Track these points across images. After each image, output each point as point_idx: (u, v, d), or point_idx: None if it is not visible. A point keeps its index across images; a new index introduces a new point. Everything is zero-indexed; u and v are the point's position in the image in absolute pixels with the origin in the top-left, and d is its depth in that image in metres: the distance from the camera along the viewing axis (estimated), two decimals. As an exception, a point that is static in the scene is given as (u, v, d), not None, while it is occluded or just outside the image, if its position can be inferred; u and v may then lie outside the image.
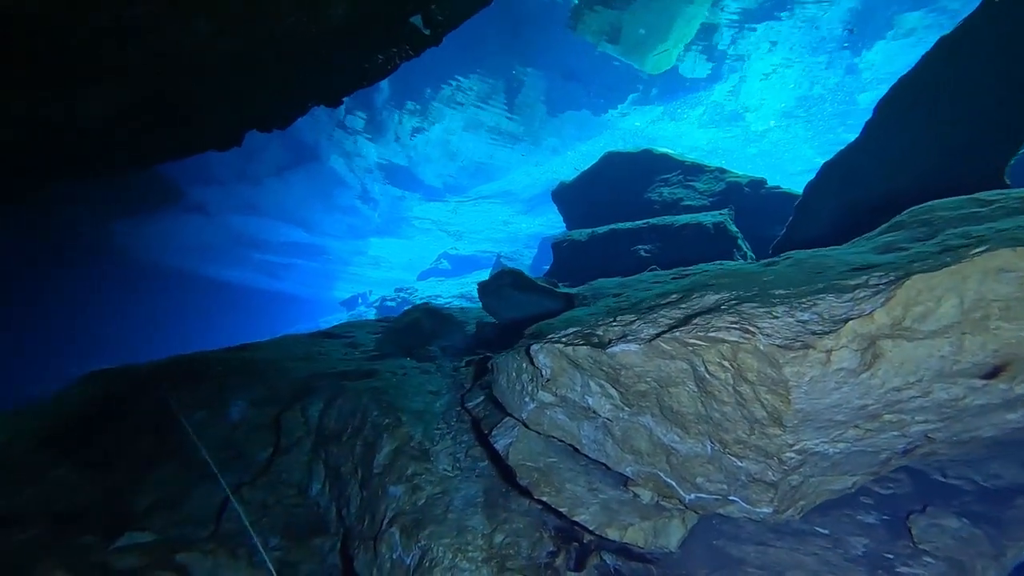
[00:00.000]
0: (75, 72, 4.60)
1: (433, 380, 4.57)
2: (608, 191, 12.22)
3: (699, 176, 10.33)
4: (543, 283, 5.95)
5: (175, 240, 26.41)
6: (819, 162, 22.04)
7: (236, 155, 10.77)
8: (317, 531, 4.04)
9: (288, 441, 4.59)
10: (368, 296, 44.19)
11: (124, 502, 4.33)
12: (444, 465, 3.38)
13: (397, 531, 3.01)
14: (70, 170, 7.18)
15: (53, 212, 16.61)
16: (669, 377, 1.88)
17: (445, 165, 28.05)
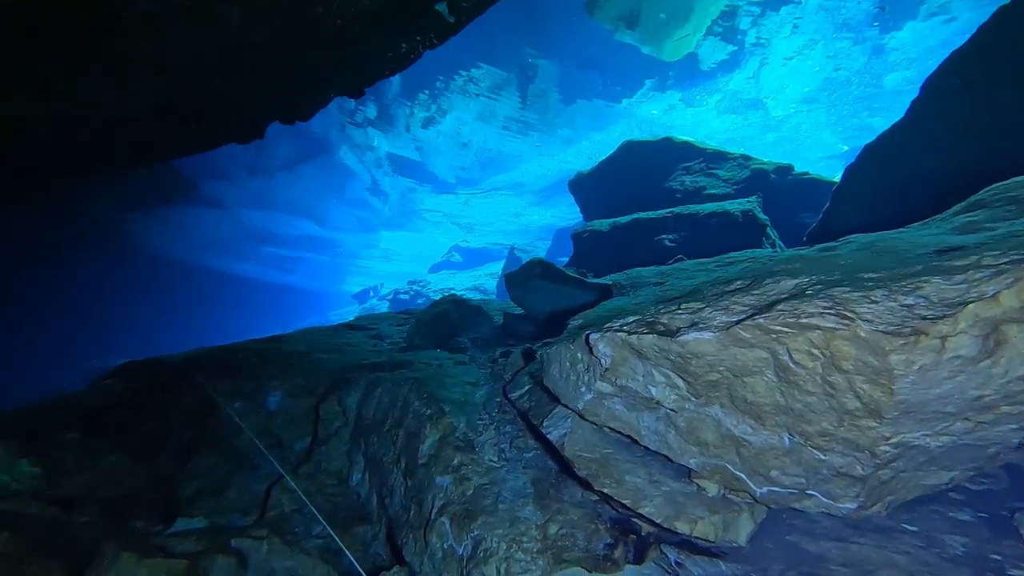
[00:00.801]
0: (113, 63, 4.62)
1: (470, 371, 4.57)
2: (627, 180, 12.06)
3: (722, 163, 10.13)
4: (573, 273, 5.90)
5: (187, 233, 26.61)
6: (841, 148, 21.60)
7: (247, 148, 10.80)
8: (359, 520, 4.10)
9: (326, 431, 4.64)
10: (379, 289, 44.44)
11: (169, 489, 4.42)
12: (490, 456, 3.39)
13: (447, 521, 3.02)
14: (101, 163, 7.26)
15: (71, 204, 16.79)
16: (745, 366, 1.83)
17: (456, 157, 27.91)
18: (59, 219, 16.89)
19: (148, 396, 5.85)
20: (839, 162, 22.41)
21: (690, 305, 2.15)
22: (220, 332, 25.54)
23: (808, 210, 8.29)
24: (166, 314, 28.48)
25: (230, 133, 7.45)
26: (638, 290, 3.88)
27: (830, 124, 21.88)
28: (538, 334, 5.85)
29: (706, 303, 2.10)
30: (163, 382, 6.03)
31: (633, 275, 4.43)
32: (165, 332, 27.05)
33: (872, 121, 20.29)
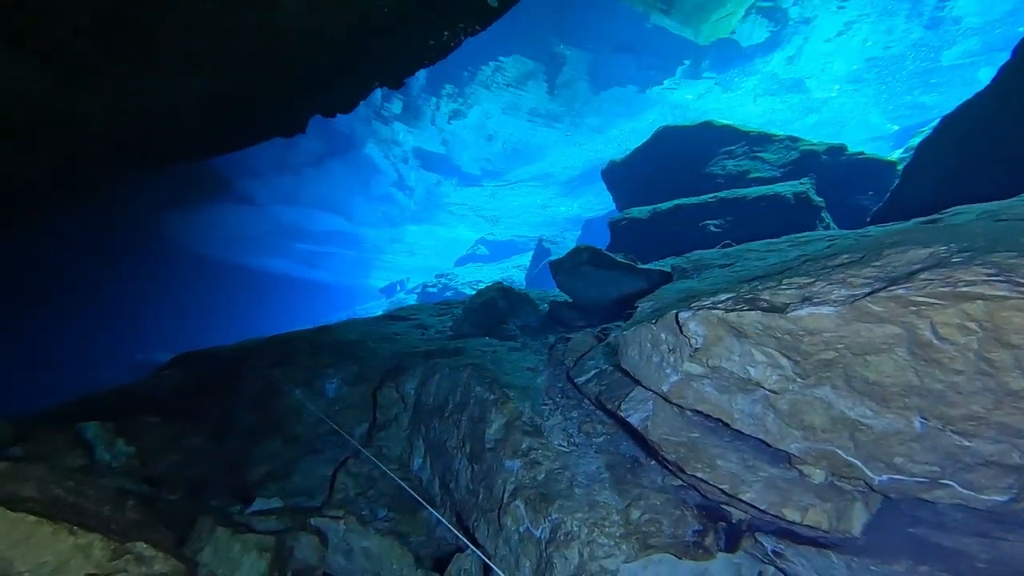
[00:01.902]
0: (172, 59, 4.77)
1: (526, 357, 4.55)
2: (664, 167, 11.76)
3: (767, 146, 9.73)
4: (624, 260, 5.79)
5: (221, 230, 27.18)
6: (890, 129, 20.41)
7: (274, 145, 10.94)
8: (424, 504, 4.16)
9: (385, 417, 4.72)
10: (406, 283, 45.04)
11: (240, 472, 4.60)
12: (558, 440, 3.36)
13: (522, 504, 3.02)
14: (151, 160, 7.54)
15: (114, 205, 17.40)
16: (870, 343, 1.72)
17: (482, 149, 27.86)
18: (103, 220, 17.55)
19: (209, 384, 6.09)
20: (886, 143, 21.23)
21: (795, 280, 2.04)
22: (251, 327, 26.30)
23: (863, 192, 7.87)
24: (199, 310, 29.42)
25: (275, 127, 7.61)
26: (703, 272, 3.75)
27: (878, 103, 20.70)
28: (587, 321, 5.78)
29: (815, 277, 1.99)
30: (222, 371, 6.26)
31: (695, 258, 4.29)
32: (199, 327, 27.94)
33: (925, 99, 19.07)
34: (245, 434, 5.17)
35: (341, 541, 3.22)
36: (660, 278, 5.44)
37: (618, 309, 5.71)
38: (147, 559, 2.02)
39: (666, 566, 2.44)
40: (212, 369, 6.45)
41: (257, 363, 5.77)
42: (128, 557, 1.92)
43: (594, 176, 28.51)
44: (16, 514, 1.59)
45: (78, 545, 1.72)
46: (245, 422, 5.43)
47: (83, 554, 1.72)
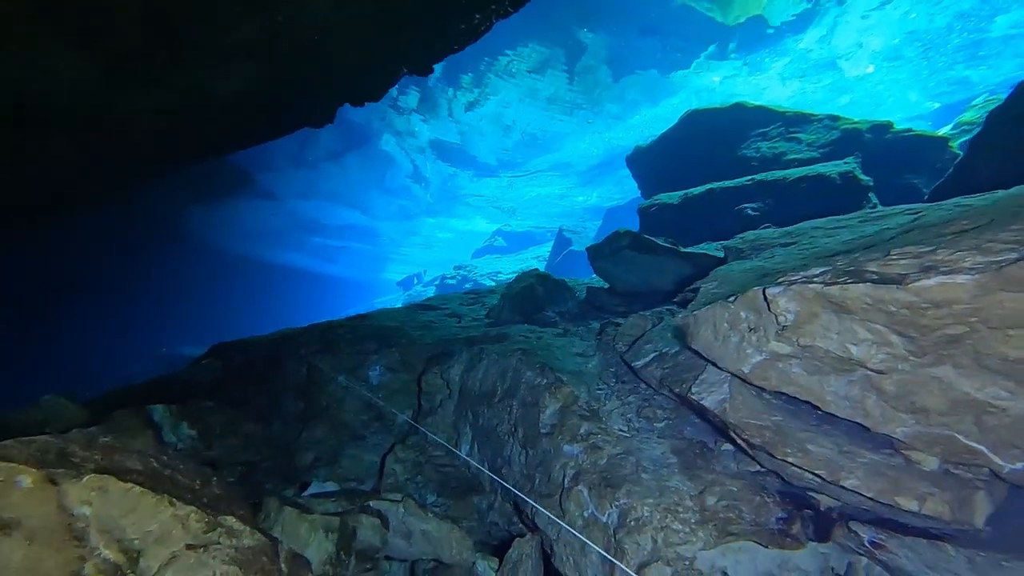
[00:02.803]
0: (213, 50, 4.76)
1: (574, 343, 4.47)
2: (693, 151, 11.45)
3: (804, 127, 9.36)
4: (666, 243, 5.64)
5: (242, 226, 27.29)
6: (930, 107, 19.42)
7: (293, 140, 10.89)
8: (471, 489, 4.14)
9: (430, 404, 4.71)
10: (423, 276, 45.23)
11: (289, 457, 4.65)
12: (618, 425, 3.28)
13: (585, 490, 2.95)
14: (189, 153, 7.62)
15: (141, 201, 17.54)
16: (1015, 314, 1.58)
17: (498, 140, 27.64)
18: (128, 215, 17.73)
19: (250, 373, 6.16)
20: (926, 122, 20.28)
21: (908, 250, 1.90)
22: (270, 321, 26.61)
23: (912, 171, 7.50)
24: (220, 304, 29.78)
25: (305, 117, 7.61)
26: (763, 252, 3.60)
27: (918, 81, 19.69)
28: (627, 307, 5.65)
29: (933, 245, 1.84)
30: (260, 360, 6.34)
31: (750, 238, 4.13)
32: (219, 321, 28.30)
33: (970, 74, 18.03)
34: (290, 420, 5.22)
35: (400, 524, 3.21)
36: (707, 261, 5.28)
37: (660, 294, 5.58)
38: (236, 532, 2.03)
39: (746, 554, 2.34)
40: (250, 358, 6.52)
41: (298, 351, 5.82)
42: (220, 530, 1.94)
43: (614, 165, 28.10)
44: (125, 484, 1.62)
45: (177, 516, 1.75)
46: (289, 409, 5.48)
47: (181, 525, 1.76)
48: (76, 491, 1.61)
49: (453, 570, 3.18)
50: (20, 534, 1.44)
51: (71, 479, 1.59)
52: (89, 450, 1.76)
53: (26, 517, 1.46)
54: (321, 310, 37.79)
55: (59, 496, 1.57)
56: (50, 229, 13.13)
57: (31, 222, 9.26)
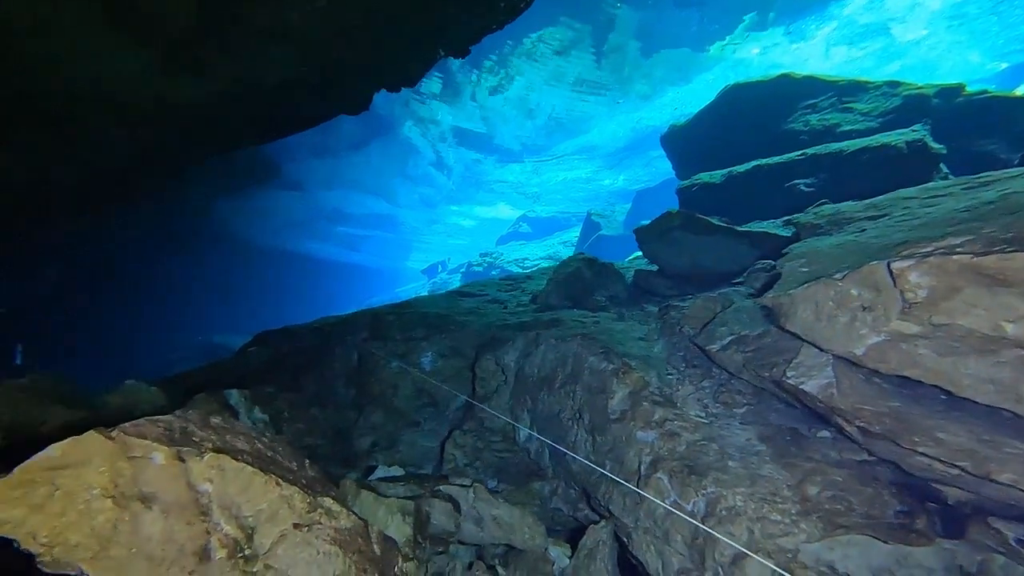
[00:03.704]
0: (260, 36, 4.73)
1: (634, 327, 4.33)
2: (734, 128, 10.93)
3: (860, 95, 8.77)
4: (721, 222, 5.39)
5: (268, 217, 27.44)
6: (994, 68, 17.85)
7: (316, 129, 10.73)
8: (532, 476, 4.10)
9: (485, 389, 4.68)
10: (447, 263, 45.35)
11: (347, 442, 4.72)
12: (695, 411, 3.15)
13: (665, 477, 2.85)
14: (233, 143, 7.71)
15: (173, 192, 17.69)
16: None
17: (522, 125, 27.20)
18: (162, 206, 17.98)
19: (299, 360, 6.26)
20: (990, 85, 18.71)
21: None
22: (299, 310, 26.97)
23: (987, 137, 6.93)
24: (249, 294, 30.07)
25: (343, 104, 7.58)
26: (847, 226, 3.36)
27: (984, 39, 17.99)
28: (679, 290, 5.45)
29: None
30: (308, 347, 6.43)
31: (827, 212, 3.88)
32: (250, 311, 28.59)
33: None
34: (344, 406, 5.30)
35: (471, 509, 3.20)
36: (768, 239, 5.02)
37: (715, 275, 5.35)
38: (335, 513, 2.05)
39: (857, 548, 2.20)
40: (297, 346, 6.62)
41: (347, 339, 5.88)
42: (320, 511, 1.97)
43: (642, 146, 27.34)
44: (238, 464, 1.65)
45: (283, 496, 1.78)
46: (341, 395, 5.56)
47: (288, 505, 1.79)
48: (199, 469, 1.64)
49: (525, 555, 3.16)
50: (158, 507, 1.48)
51: (195, 457, 1.62)
52: (205, 430, 1.77)
53: (162, 491, 1.50)
54: (346, 299, 38.33)
55: (186, 473, 1.59)
56: (97, 221, 13.57)
57: (82, 215, 9.61)
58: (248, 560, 1.82)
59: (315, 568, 1.97)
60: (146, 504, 1.53)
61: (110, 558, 1.45)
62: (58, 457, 1.36)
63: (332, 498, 2.14)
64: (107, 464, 1.44)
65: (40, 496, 1.32)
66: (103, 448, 1.44)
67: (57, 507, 1.36)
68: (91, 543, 1.42)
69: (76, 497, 1.38)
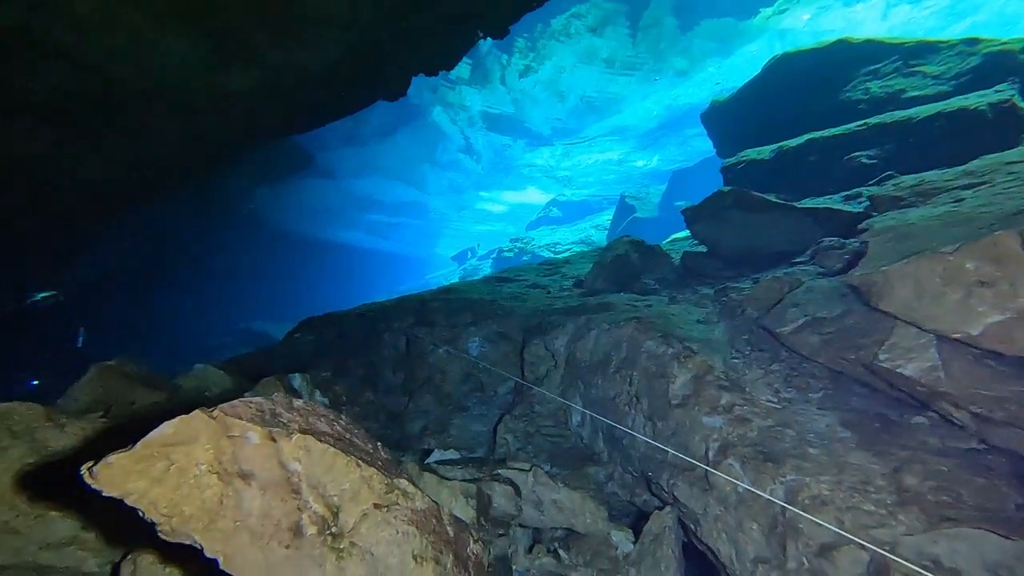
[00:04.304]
0: (308, 23, 4.75)
1: (690, 310, 4.17)
2: (783, 101, 10.31)
3: (930, 57, 8.04)
4: (778, 199, 5.09)
5: (304, 205, 27.83)
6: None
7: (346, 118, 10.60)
8: (586, 461, 4.06)
9: (534, 374, 4.65)
10: (476, 250, 45.34)
11: (400, 425, 4.82)
12: (765, 396, 3.00)
13: (737, 463, 2.74)
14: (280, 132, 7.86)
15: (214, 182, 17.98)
16: None
17: (552, 107, 26.66)
18: (206, 198, 18.45)
19: (347, 345, 6.42)
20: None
21: None
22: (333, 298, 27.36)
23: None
24: (284, 282, 30.55)
25: (383, 90, 7.58)
26: (939, 197, 3.07)
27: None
28: (734, 271, 5.21)
29: None
30: (354, 333, 6.58)
31: (910, 184, 3.58)
32: (284, 299, 29.13)
33: None
34: (394, 391, 5.40)
35: (530, 493, 3.19)
36: (832, 216, 4.71)
37: (773, 255, 5.07)
38: (410, 495, 2.07)
39: (967, 542, 2.04)
40: (343, 332, 6.78)
41: (395, 324, 5.96)
42: (397, 492, 1.99)
43: (678, 125, 26.30)
44: (322, 445, 1.69)
45: (363, 477, 1.81)
46: (390, 380, 5.67)
47: (367, 485, 1.82)
48: (289, 448, 1.68)
49: (586, 539, 3.13)
50: (256, 484, 1.52)
51: (284, 437, 1.65)
52: (291, 412, 1.81)
53: (258, 469, 1.54)
54: (377, 286, 38.89)
55: (278, 452, 1.62)
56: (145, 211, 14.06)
57: (133, 206, 10.04)
58: (335, 537, 1.86)
59: (395, 547, 2.00)
60: (246, 481, 1.58)
61: (218, 530, 1.50)
62: (171, 434, 1.41)
63: (406, 479, 2.17)
64: (211, 442, 1.49)
65: (158, 470, 1.38)
66: (207, 427, 1.49)
67: (173, 480, 1.41)
68: (202, 515, 1.47)
69: (187, 472, 1.43)
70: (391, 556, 1.98)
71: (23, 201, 6.85)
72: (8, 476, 1.70)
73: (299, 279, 31.23)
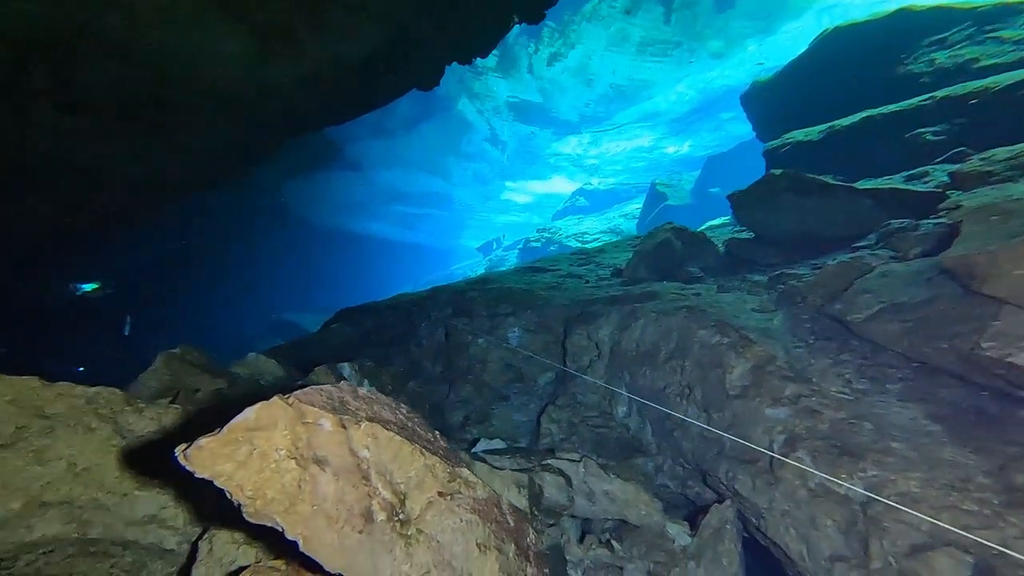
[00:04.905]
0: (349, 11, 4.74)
1: (743, 298, 3.98)
2: (832, 79, 9.73)
3: (1009, 20, 7.35)
4: (837, 181, 4.78)
5: (332, 197, 27.95)
6: None
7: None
8: (634, 451, 3.97)
9: (577, 364, 4.56)
10: (502, 240, 45.10)
11: (441, 415, 4.84)
12: (835, 387, 2.82)
13: (807, 457, 2.58)
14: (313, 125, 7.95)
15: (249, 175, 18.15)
16: None
17: (580, 94, 26.11)
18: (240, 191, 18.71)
19: (384, 335, 6.50)
20: None
21: None
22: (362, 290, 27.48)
23: None
24: (313, 274, 30.61)
25: (417, 79, 7.54)
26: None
27: None
28: (785, 258, 4.94)
29: None
30: (391, 323, 6.64)
31: (1003, 157, 3.28)
32: (313, 290, 29.54)
33: None
34: (434, 380, 5.42)
35: (581, 483, 3.12)
36: (899, 196, 4.38)
37: (829, 240, 4.77)
38: (471, 484, 2.05)
39: (1086, 547, 1.84)
40: (380, 322, 6.84)
41: (432, 314, 5.98)
42: (459, 480, 1.98)
43: (712, 109, 25.32)
44: (388, 432, 1.68)
45: (427, 465, 1.81)
46: (429, 370, 5.70)
47: (431, 474, 1.82)
48: (358, 436, 1.68)
49: (640, 531, 3.04)
50: (330, 470, 1.52)
51: (354, 424, 1.64)
52: (357, 400, 1.80)
53: (331, 456, 1.55)
54: (403, 277, 38.98)
55: (348, 440, 1.61)
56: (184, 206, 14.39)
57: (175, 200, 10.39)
58: (403, 524, 1.85)
59: (460, 535, 1.98)
60: (320, 466, 1.58)
61: (298, 513, 1.51)
62: (253, 420, 1.42)
63: (467, 468, 2.14)
64: (289, 428, 1.50)
65: (243, 454, 1.39)
66: (285, 413, 1.49)
67: (256, 464, 1.42)
68: (283, 499, 1.48)
69: (268, 456, 1.44)
70: (456, 544, 1.96)
71: (80, 200, 7.21)
72: (96, 456, 1.76)
73: (326, 270, 31.68)
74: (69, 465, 1.71)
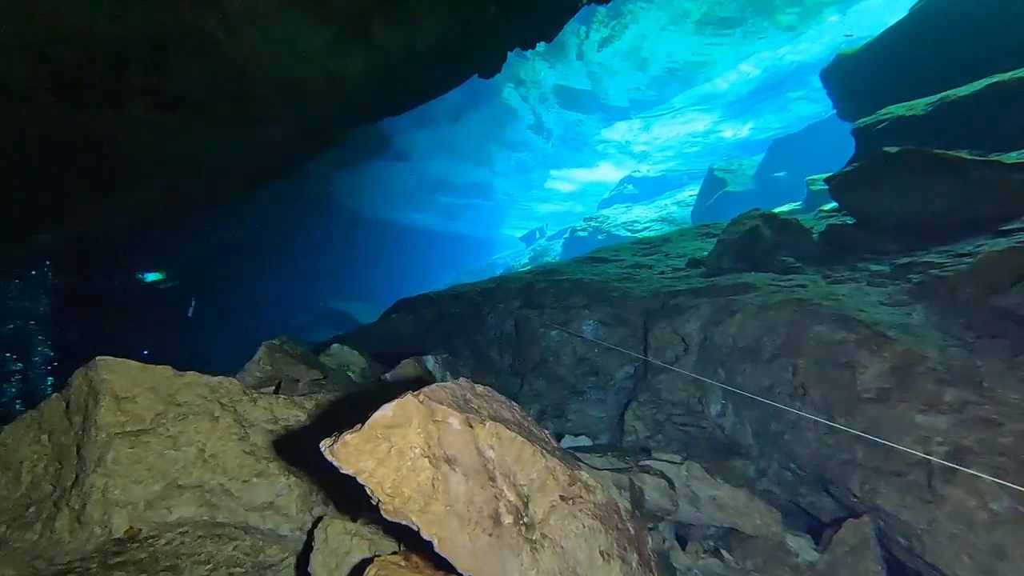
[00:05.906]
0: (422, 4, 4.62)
1: (863, 290, 3.54)
2: (937, 48, 8.66)
3: None
4: (974, 155, 4.15)
5: (379, 188, 28.03)
6: None
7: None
8: (731, 453, 3.66)
9: (661, 359, 4.27)
10: (545, 230, 44.34)
11: (516, 406, 4.72)
12: (1016, 394, 2.38)
13: (987, 475, 2.19)
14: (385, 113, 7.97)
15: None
16: None
17: (632, 78, 24.99)
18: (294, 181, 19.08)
19: (448, 326, 6.43)
20: None
21: None
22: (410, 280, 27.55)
23: None
24: (361, 264, 30.96)
25: (479, 66, 7.38)
26: None
27: None
28: (900, 245, 4.36)
29: None
30: (455, 314, 6.56)
31: None
32: (361, 280, 29.87)
33: None
34: (503, 373, 5.31)
35: (684, 487, 2.88)
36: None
37: (952, 223, 4.16)
38: (591, 488, 1.94)
39: None
40: (441, 313, 6.77)
41: (500, 306, 5.85)
42: (579, 484, 1.93)
43: (778, 89, 23.55)
44: (510, 432, 1.61)
45: (548, 468, 1.74)
46: (497, 361, 5.59)
47: (552, 476, 1.74)
48: (483, 435, 1.58)
49: (755, 541, 2.76)
50: (460, 470, 1.44)
51: (479, 424, 1.55)
52: (477, 399, 1.71)
53: (460, 455, 1.50)
54: (446, 267, 38.94)
55: (475, 439, 1.51)
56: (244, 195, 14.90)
57: (244, 192, 10.82)
58: (528, 528, 1.73)
59: (583, 542, 1.84)
60: (451, 466, 1.51)
61: (432, 513, 1.44)
62: (391, 417, 1.34)
63: (586, 471, 1.98)
64: (422, 426, 1.43)
65: (382, 451, 1.31)
66: (418, 411, 1.42)
67: (394, 462, 1.34)
68: (418, 498, 1.41)
69: (405, 454, 1.37)
70: (579, 551, 1.82)
71: (162, 195, 7.65)
72: (221, 443, 1.74)
73: (373, 260, 32.15)
74: (199, 451, 1.70)
